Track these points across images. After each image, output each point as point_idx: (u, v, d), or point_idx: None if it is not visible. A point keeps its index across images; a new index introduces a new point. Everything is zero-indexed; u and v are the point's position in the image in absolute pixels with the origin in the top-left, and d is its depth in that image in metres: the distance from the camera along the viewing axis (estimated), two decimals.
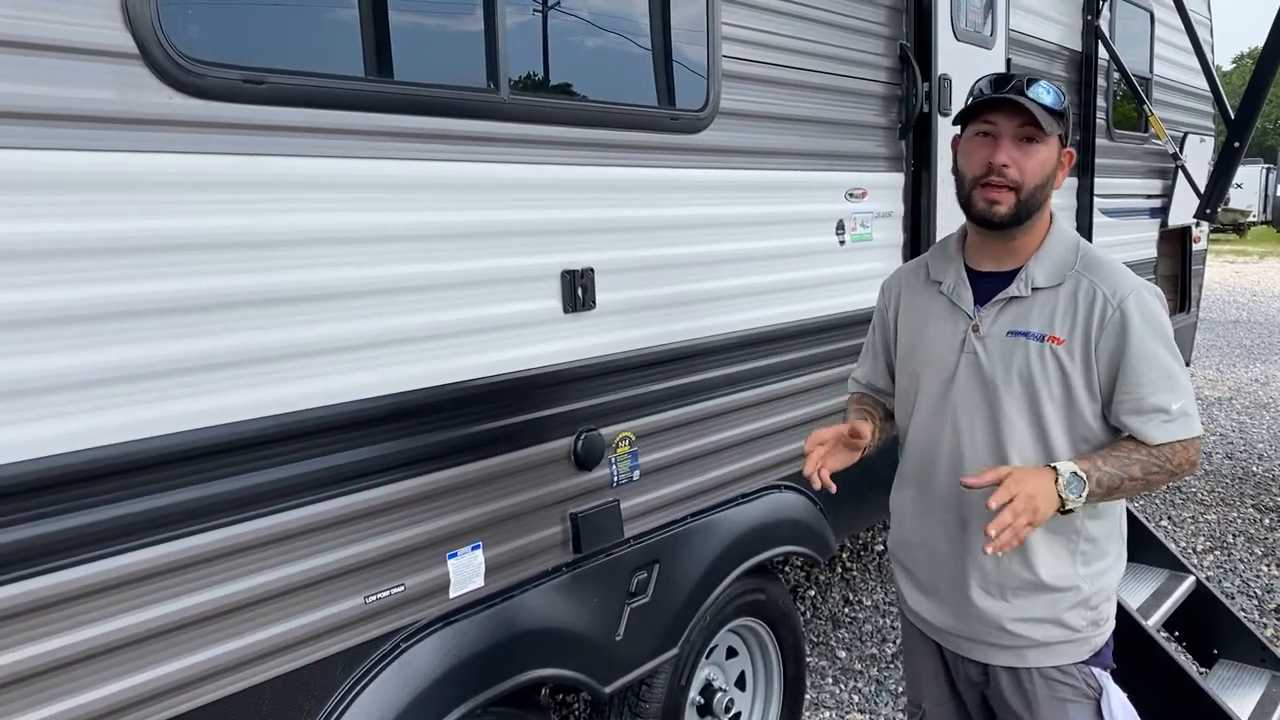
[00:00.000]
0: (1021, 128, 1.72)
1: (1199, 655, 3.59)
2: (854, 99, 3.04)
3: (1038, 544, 1.80)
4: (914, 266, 2.01)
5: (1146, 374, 1.72)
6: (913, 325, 1.95)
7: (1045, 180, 1.75)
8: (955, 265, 1.89)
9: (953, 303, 1.87)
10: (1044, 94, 1.71)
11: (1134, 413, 1.74)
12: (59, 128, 1.38)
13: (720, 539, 2.63)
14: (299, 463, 1.69)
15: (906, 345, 1.96)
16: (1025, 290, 1.79)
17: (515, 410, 2.08)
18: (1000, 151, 1.72)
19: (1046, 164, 1.74)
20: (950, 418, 1.85)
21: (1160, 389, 1.72)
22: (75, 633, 1.44)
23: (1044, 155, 1.74)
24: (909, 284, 1.99)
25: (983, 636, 1.87)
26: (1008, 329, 1.79)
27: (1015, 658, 1.85)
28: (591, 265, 2.21)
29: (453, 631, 1.97)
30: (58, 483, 1.40)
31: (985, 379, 1.81)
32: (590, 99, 2.22)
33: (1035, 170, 1.73)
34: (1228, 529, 5.39)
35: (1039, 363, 1.76)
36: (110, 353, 1.44)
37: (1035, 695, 1.84)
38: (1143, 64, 5.26)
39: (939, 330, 1.88)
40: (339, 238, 1.72)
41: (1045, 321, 1.76)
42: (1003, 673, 1.87)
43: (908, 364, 1.95)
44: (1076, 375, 1.75)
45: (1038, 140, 1.73)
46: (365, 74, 1.80)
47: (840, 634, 4.21)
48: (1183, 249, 6.00)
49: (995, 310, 1.81)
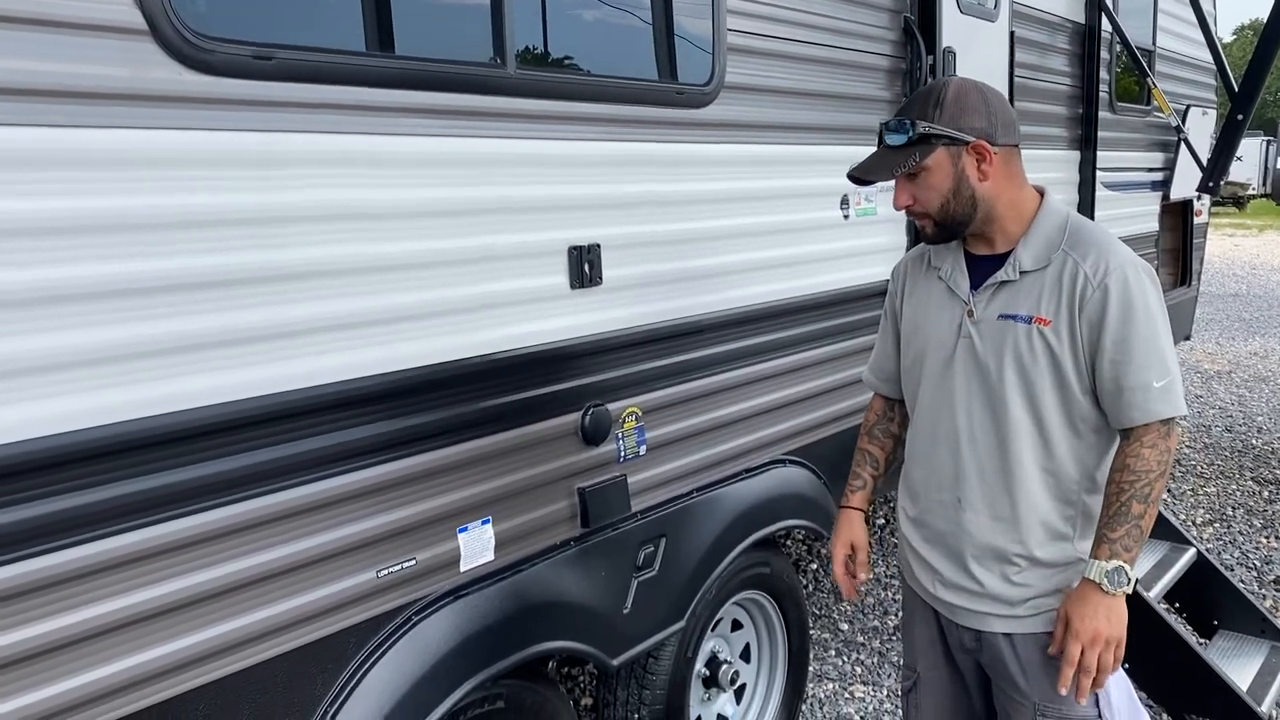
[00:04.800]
0: (898, 170, 1.79)
1: (1199, 626, 3.63)
2: (859, 73, 3.03)
3: (1034, 522, 1.82)
4: (919, 253, 2.04)
5: (1127, 352, 1.71)
6: (915, 310, 1.99)
7: (951, 192, 1.78)
8: (955, 252, 1.91)
9: (950, 288, 1.89)
10: (891, 136, 1.79)
11: (1114, 392, 1.74)
12: (68, 104, 1.37)
13: (726, 513, 2.64)
14: (312, 438, 1.70)
15: (910, 328, 2.00)
16: (1014, 274, 1.80)
17: (523, 386, 2.08)
18: (896, 197, 1.83)
19: (941, 182, 1.77)
20: (949, 401, 1.88)
21: (1143, 366, 1.71)
22: (98, 606, 1.46)
23: (934, 178, 1.77)
24: (913, 270, 2.03)
25: (978, 606, 1.89)
26: (999, 313, 1.81)
27: (1010, 625, 1.87)
28: (598, 241, 2.21)
29: (463, 605, 1.98)
30: (82, 458, 1.42)
31: (980, 363, 1.83)
32: (596, 74, 2.21)
33: (931, 195, 1.79)
34: (1227, 502, 5.42)
35: (1028, 345, 1.77)
36: (124, 330, 1.44)
37: (1030, 660, 1.86)
38: (1146, 36, 5.23)
39: (938, 315, 1.91)
40: (346, 214, 1.72)
41: (1033, 303, 1.78)
42: (999, 638, 1.89)
43: (911, 346, 1.99)
44: (1065, 356, 1.76)
45: (920, 170, 1.77)
46: (373, 49, 1.79)
47: (843, 607, 4.24)
48: (1184, 222, 6.00)
49: (988, 295, 1.83)
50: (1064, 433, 1.79)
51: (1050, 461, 1.81)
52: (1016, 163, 1.82)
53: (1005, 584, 1.85)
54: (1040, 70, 4.16)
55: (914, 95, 1.82)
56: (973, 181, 1.77)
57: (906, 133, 1.76)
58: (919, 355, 1.95)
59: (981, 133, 1.75)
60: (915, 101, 1.80)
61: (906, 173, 1.78)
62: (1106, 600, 1.71)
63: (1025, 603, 1.85)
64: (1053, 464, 1.81)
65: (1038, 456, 1.81)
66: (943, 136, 1.74)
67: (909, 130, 1.75)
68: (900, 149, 1.77)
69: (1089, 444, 1.81)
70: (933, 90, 1.77)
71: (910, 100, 1.83)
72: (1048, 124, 4.26)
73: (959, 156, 1.76)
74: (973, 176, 1.76)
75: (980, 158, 1.75)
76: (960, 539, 1.89)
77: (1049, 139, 4.28)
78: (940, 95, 1.75)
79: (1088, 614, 1.71)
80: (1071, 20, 4.42)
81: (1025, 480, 1.81)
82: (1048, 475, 1.82)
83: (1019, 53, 3.91)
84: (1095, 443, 1.81)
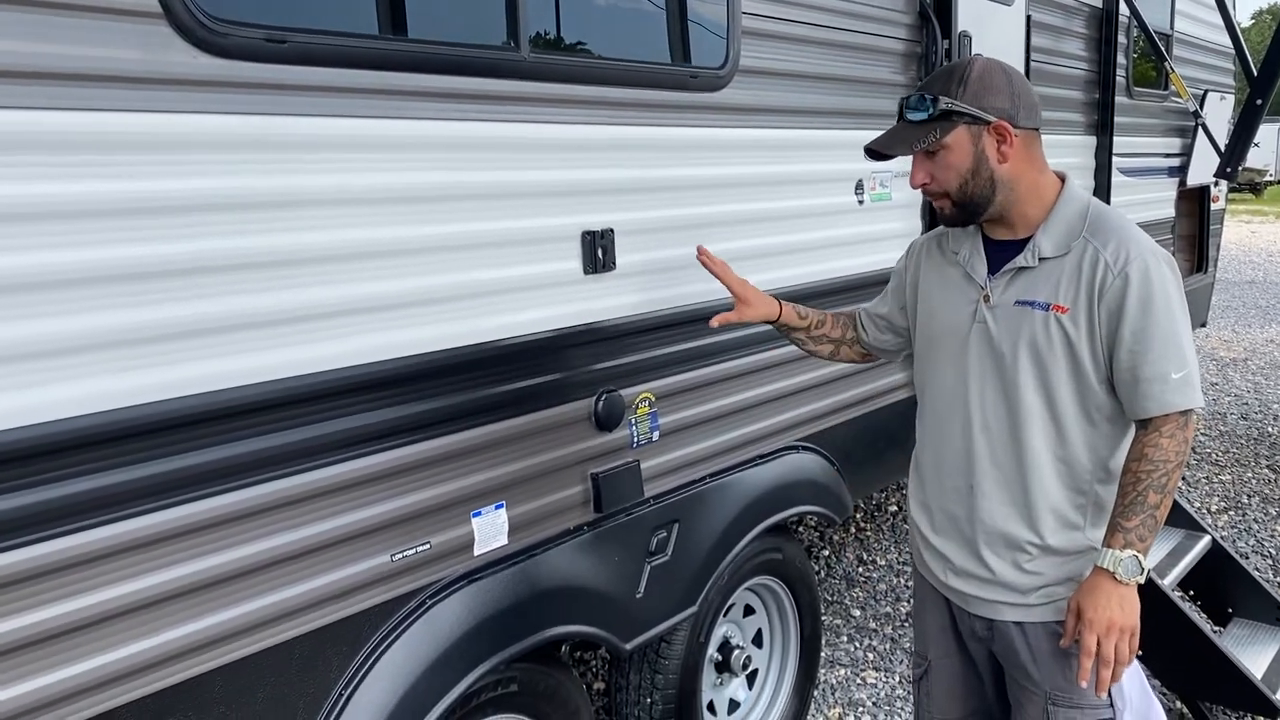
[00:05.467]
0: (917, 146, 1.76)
1: (1214, 614, 3.62)
2: (874, 56, 3.01)
3: (1045, 509, 1.81)
4: (937, 236, 2.02)
5: (1146, 342, 1.70)
6: (930, 293, 1.97)
7: (970, 173, 1.76)
8: (973, 236, 1.89)
9: (967, 273, 1.88)
10: (912, 112, 1.76)
11: (1131, 382, 1.72)
12: (83, 88, 1.38)
13: (738, 499, 2.64)
14: (327, 422, 1.71)
15: (925, 312, 1.98)
16: (1033, 260, 1.78)
17: (536, 371, 2.08)
18: (913, 175, 1.81)
19: (960, 161, 1.75)
20: (963, 386, 1.87)
21: (1160, 357, 1.69)
22: (121, 586, 1.47)
23: (953, 157, 1.75)
24: (929, 252, 2.01)
25: (989, 594, 1.89)
26: (1016, 299, 1.80)
27: (1021, 613, 1.87)
28: (612, 226, 2.21)
29: (477, 589, 1.99)
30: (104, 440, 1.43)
31: (994, 348, 1.82)
32: (610, 57, 2.20)
33: (950, 174, 1.77)
34: (1242, 489, 5.39)
35: (1044, 332, 1.76)
36: (139, 313, 1.45)
37: (1040, 649, 1.86)
38: (1164, 20, 5.18)
39: (955, 299, 1.89)
40: (359, 198, 1.72)
41: (1051, 290, 1.76)
42: (1010, 627, 1.88)
43: (926, 330, 1.97)
44: (1082, 344, 1.74)
45: (939, 147, 1.75)
46: (386, 33, 1.79)
47: (855, 593, 4.24)
48: (1201, 208, 5.95)
49: (1005, 280, 1.82)
50: (1078, 421, 1.78)
51: (1064, 450, 1.80)
52: (1037, 147, 1.80)
53: (1017, 571, 1.85)
54: (1057, 55, 4.12)
55: (937, 71, 1.80)
56: (992, 163, 1.75)
57: (927, 109, 1.73)
58: (932, 339, 1.94)
59: (1004, 113, 1.73)
60: (939, 77, 1.77)
61: (925, 149, 1.76)
62: (1119, 589, 1.70)
63: (1036, 591, 1.85)
64: (1066, 452, 1.80)
65: (1051, 444, 1.80)
66: (965, 114, 1.72)
67: (930, 106, 1.73)
68: (920, 124, 1.75)
69: (1103, 433, 1.80)
70: (957, 67, 1.75)
71: (933, 76, 1.80)
72: (1064, 109, 4.22)
73: (979, 136, 1.74)
74: (992, 157, 1.74)
75: (1001, 139, 1.73)
76: (972, 525, 1.88)
77: (1065, 124, 4.25)
78: (964, 73, 1.73)
79: (1100, 603, 1.70)
80: (1089, 4, 4.38)
81: (1038, 468, 1.80)
82: (1060, 464, 1.81)
83: (1035, 37, 3.88)
84: (1109, 432, 1.80)
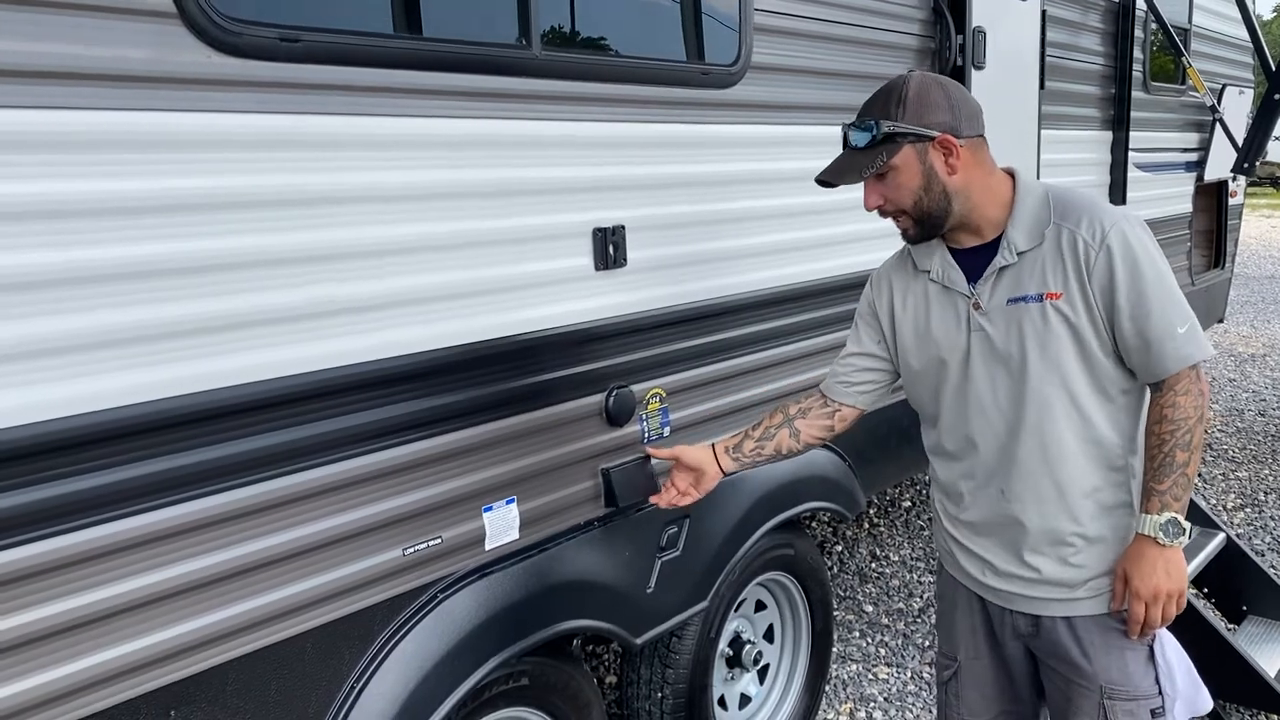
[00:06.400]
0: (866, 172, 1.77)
1: (1228, 611, 3.60)
2: (887, 52, 3.01)
3: (1080, 497, 1.81)
4: (899, 259, 2.02)
5: (1144, 304, 1.72)
6: (914, 317, 1.95)
7: (922, 189, 1.76)
8: (939, 250, 1.89)
9: (945, 287, 1.87)
10: (856, 139, 1.77)
11: (1142, 347, 1.73)
12: (97, 87, 1.39)
13: (750, 494, 2.65)
14: (339, 418, 1.72)
15: (913, 337, 1.95)
16: (1012, 257, 1.79)
17: (548, 367, 2.09)
18: (866, 199, 1.82)
19: (911, 180, 1.76)
20: (975, 397, 1.86)
21: (1163, 315, 1.72)
22: (135, 580, 1.49)
23: (903, 177, 1.76)
24: (899, 277, 1.99)
25: (1035, 592, 1.88)
26: (1007, 298, 1.80)
27: (1069, 608, 1.86)
28: (623, 222, 2.22)
29: (488, 583, 2.01)
30: (115, 436, 1.44)
31: (999, 352, 1.81)
32: (622, 54, 2.21)
33: (902, 194, 1.78)
34: (1259, 486, 5.36)
35: (1044, 322, 1.76)
36: (149, 311, 1.46)
37: (1091, 643, 1.85)
38: (1181, 14, 5.14)
39: (942, 316, 1.89)
40: (373, 196, 1.74)
41: (1039, 281, 1.77)
42: (1058, 623, 1.88)
43: (921, 354, 1.94)
44: (1084, 325, 1.75)
45: (888, 169, 1.76)
46: (399, 31, 1.80)
47: (867, 589, 4.24)
48: (1219, 203, 5.91)
49: (990, 282, 1.82)
50: (1096, 401, 1.78)
51: (1090, 431, 1.80)
52: (984, 151, 1.82)
53: (1063, 567, 1.84)
54: (1073, 49, 4.10)
55: (873, 95, 1.80)
56: (942, 176, 1.76)
57: (871, 133, 1.75)
58: (930, 362, 1.92)
59: (946, 127, 1.74)
60: (876, 101, 1.78)
61: (875, 173, 1.77)
62: (1165, 554, 1.73)
63: (1084, 585, 1.84)
64: (1093, 434, 1.80)
65: (1076, 430, 1.80)
66: (908, 134, 1.73)
67: (874, 130, 1.75)
68: (866, 150, 1.77)
69: (1120, 406, 1.81)
70: (894, 88, 1.76)
71: (870, 101, 1.81)
72: (1079, 104, 4.20)
73: (925, 153, 1.75)
74: (941, 171, 1.76)
75: (947, 152, 1.75)
76: (1013, 530, 1.87)
77: (1080, 119, 4.22)
78: (902, 93, 1.74)
79: (1146, 571, 1.73)
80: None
81: (1068, 458, 1.80)
82: (1090, 446, 1.80)
83: (1051, 31, 3.86)
84: (1126, 404, 1.81)
